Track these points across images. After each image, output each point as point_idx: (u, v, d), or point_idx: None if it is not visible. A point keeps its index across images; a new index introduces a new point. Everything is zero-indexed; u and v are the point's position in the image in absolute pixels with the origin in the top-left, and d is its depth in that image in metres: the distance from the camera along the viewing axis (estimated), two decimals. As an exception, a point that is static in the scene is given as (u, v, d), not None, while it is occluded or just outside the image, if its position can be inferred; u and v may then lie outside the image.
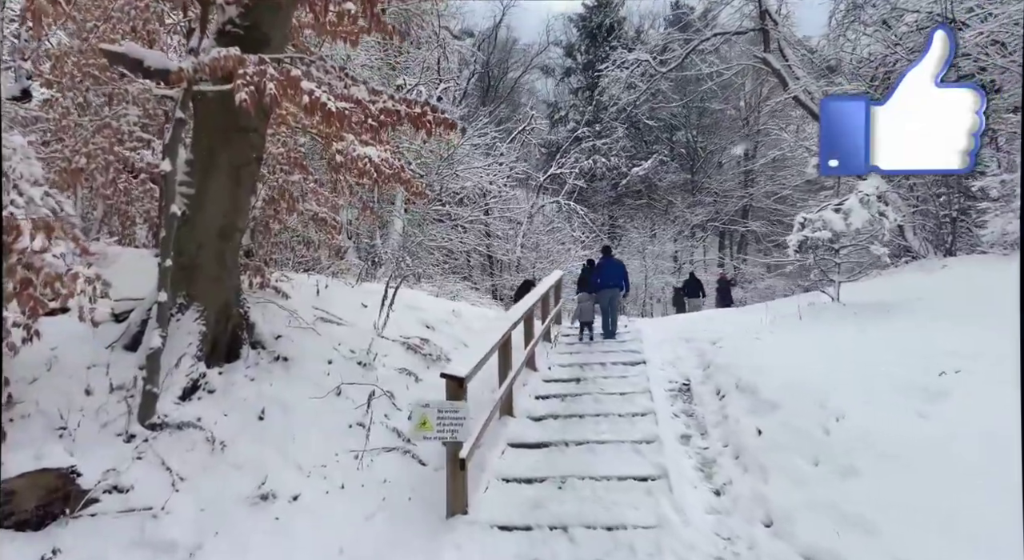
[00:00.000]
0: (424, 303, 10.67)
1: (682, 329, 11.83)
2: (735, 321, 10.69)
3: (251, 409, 6.55)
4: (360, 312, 9.00)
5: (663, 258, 37.55)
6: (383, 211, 14.54)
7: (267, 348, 7.43)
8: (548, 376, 9.62)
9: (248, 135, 7.18)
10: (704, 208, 37.68)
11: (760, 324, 9.53)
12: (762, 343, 8.47)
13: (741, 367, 7.76)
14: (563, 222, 29.73)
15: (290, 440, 6.24)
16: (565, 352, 11.24)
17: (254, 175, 7.33)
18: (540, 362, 10.19)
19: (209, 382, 6.78)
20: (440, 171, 18.02)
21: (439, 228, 18.53)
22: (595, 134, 33.48)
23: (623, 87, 19.09)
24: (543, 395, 8.70)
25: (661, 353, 10.72)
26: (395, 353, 8.19)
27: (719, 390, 7.83)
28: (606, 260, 13.26)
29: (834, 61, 15.02)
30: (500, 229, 27.60)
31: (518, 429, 7.37)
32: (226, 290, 7.16)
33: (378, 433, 6.57)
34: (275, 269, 8.89)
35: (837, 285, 9.63)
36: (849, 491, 4.83)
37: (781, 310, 10.04)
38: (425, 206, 16.79)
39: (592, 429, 7.34)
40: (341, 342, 7.91)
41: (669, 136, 41.60)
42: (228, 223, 7.06)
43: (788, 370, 7.09)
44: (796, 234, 9.56)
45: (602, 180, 38.03)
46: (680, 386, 8.84)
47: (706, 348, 9.54)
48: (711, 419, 7.30)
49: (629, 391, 8.63)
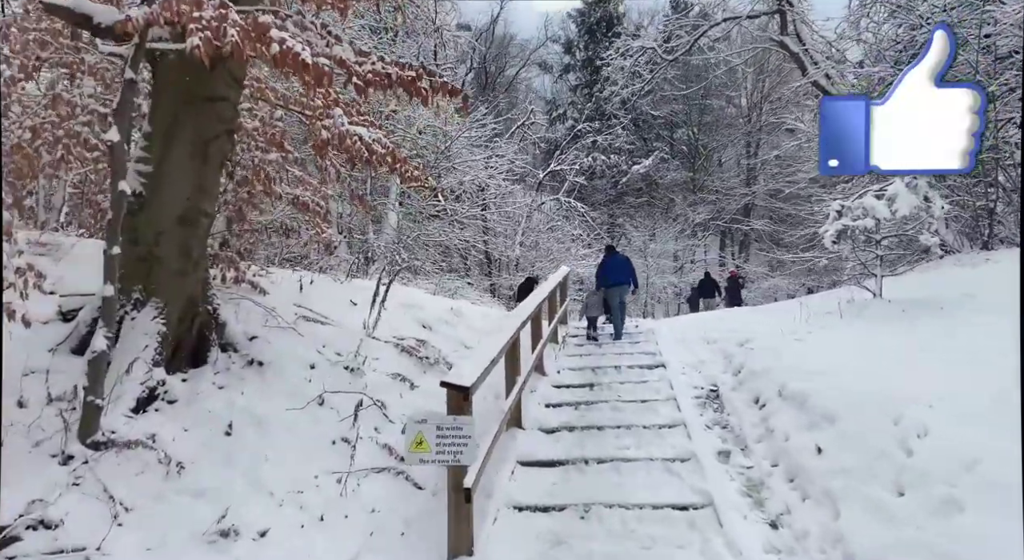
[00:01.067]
0: (421, 301, 9.66)
1: (700, 329, 10.83)
2: (762, 320, 9.69)
3: (217, 423, 5.53)
4: (349, 310, 7.99)
5: (664, 257, 36.55)
6: (377, 203, 13.54)
7: (240, 351, 6.42)
8: (558, 381, 8.61)
9: (216, 105, 6.17)
10: (706, 206, 36.74)
11: (795, 323, 8.54)
12: (804, 345, 7.48)
13: (783, 372, 6.76)
14: (563, 220, 28.77)
15: (262, 460, 5.22)
16: (574, 354, 10.24)
17: (224, 151, 6.31)
18: (549, 365, 9.18)
19: (169, 391, 5.76)
20: (437, 164, 17.00)
21: (436, 224, 17.51)
22: (595, 131, 32.48)
23: (627, 76, 18.12)
24: (554, 403, 7.69)
25: (680, 355, 9.73)
26: (387, 356, 7.18)
27: (758, 398, 6.82)
28: (610, 257, 12.34)
29: (855, 42, 14.09)
30: (499, 226, 26.64)
31: (529, 444, 6.36)
32: (191, 284, 6.14)
33: (366, 450, 5.55)
34: (253, 262, 7.87)
35: (879, 280, 8.64)
36: (953, 530, 3.83)
37: (815, 307, 9.03)
38: (423, 199, 15.78)
39: (614, 443, 6.34)
40: (326, 344, 6.89)
41: (670, 133, 40.66)
42: (192, 207, 6.05)
43: (842, 376, 6.09)
44: (833, 223, 8.57)
45: (602, 178, 37.03)
46: (708, 393, 7.84)
47: (734, 350, 8.54)
48: (752, 432, 6.29)
49: (651, 398, 7.63)
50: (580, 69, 40.63)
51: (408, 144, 15.42)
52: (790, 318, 8.87)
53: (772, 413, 6.28)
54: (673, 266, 37.02)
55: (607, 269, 12.20)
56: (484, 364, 4.73)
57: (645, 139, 40.45)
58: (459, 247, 19.33)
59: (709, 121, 39.89)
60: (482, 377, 4.64)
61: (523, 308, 7.52)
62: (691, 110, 39.31)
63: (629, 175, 36.89)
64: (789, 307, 10.14)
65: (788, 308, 10.02)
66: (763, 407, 6.61)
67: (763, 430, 6.20)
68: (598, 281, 12.34)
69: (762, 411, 6.55)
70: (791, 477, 5.25)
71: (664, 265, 36.35)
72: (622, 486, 5.39)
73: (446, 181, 18.30)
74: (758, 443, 6.07)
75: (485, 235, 26.10)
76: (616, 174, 36.92)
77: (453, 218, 18.29)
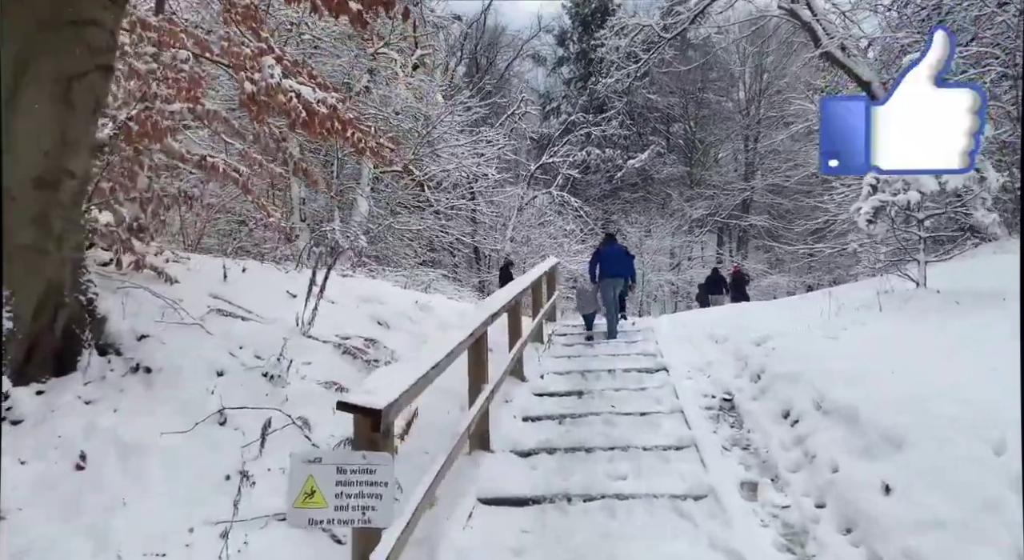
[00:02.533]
0: (383, 294, 8.17)
1: (705, 325, 9.36)
2: (779, 315, 8.22)
3: (68, 451, 4.05)
4: (285, 304, 6.51)
5: (660, 254, 35.11)
6: (344, 188, 12.06)
7: (124, 353, 4.94)
8: (540, 388, 7.13)
9: (85, 31, 4.68)
10: (704, 201, 35.32)
11: (822, 318, 7.07)
12: (839, 344, 6.02)
13: (819, 377, 5.30)
14: (555, 215, 27.35)
15: (118, 506, 3.74)
16: (562, 355, 8.76)
17: (97, 93, 4.82)
18: (530, 369, 7.71)
19: (14, 408, 4.29)
20: (418, 151, 15.52)
21: (418, 215, 16.01)
22: (589, 123, 31.07)
23: (622, 56, 16.67)
24: (534, 415, 6.22)
25: (684, 356, 8.27)
26: (323, 359, 5.69)
27: (787, 411, 5.36)
28: (608, 247, 10.92)
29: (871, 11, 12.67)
30: (488, 220, 25.25)
31: (496, 472, 4.88)
32: (52, 266, 4.65)
33: (268, 488, 4.07)
34: (162, 243, 6.40)
35: (922, 266, 7.18)
36: None
37: (846, 299, 7.55)
38: (403, 188, 14.30)
39: (606, 471, 4.87)
40: (244, 344, 5.41)
41: (666, 127, 39.23)
42: (53, 165, 4.57)
43: (901, 383, 4.64)
44: (868, 200, 7.11)
45: (596, 173, 35.60)
46: (721, 403, 6.39)
47: (749, 350, 7.08)
48: (783, 457, 4.83)
49: (652, 410, 6.17)
50: (574, 62, 39.16)
51: (383, 126, 13.94)
52: (813, 312, 7.41)
53: (810, 432, 4.82)
54: (670, 263, 35.60)
55: (603, 259, 10.80)
56: (414, 374, 3.24)
57: (641, 133, 39.00)
58: (445, 241, 17.84)
59: (706, 115, 38.45)
60: (409, 393, 3.16)
61: (494, 300, 6.04)
62: (688, 103, 37.88)
63: (624, 169, 35.43)
64: (809, 300, 8.67)
65: (808, 301, 8.54)
66: (796, 423, 5.15)
67: (799, 454, 4.74)
68: (592, 272, 10.96)
69: (795, 428, 5.09)
70: (848, 525, 3.78)
71: (660, 262, 34.90)
72: (618, 538, 3.92)
73: (429, 169, 16.82)
74: (794, 473, 4.61)
75: (473, 225, 24.69)
76: (611, 169, 35.48)
77: (436, 209, 16.80)
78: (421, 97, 16.16)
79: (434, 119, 15.77)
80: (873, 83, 12.48)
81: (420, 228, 16.04)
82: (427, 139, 15.59)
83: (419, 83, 15.45)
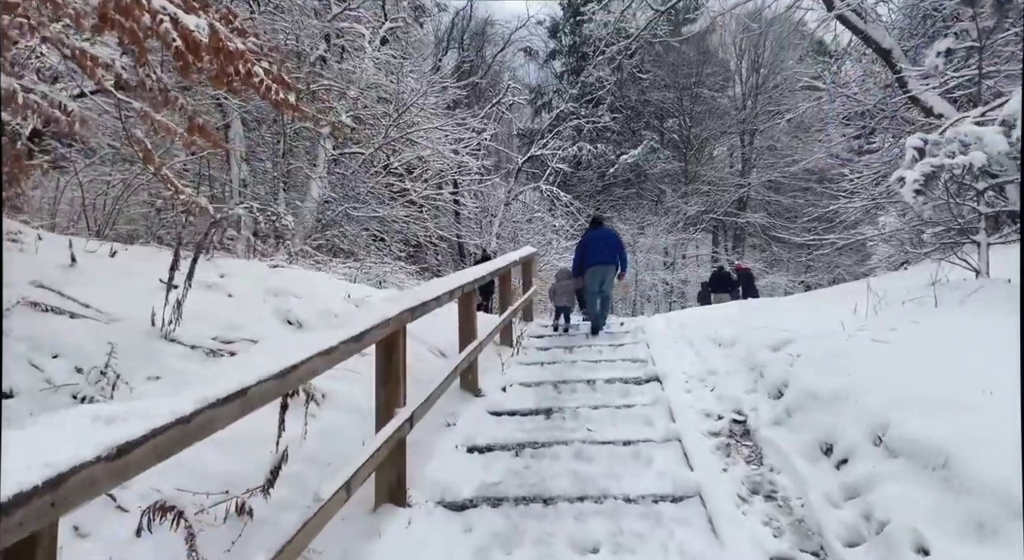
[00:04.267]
0: (307, 288, 6.54)
1: (706, 324, 7.75)
2: (801, 312, 6.60)
3: None
4: (153, 296, 4.87)
5: (654, 252, 33.55)
6: (291, 167, 10.43)
7: None
8: (498, 404, 5.51)
9: None
10: (699, 197, 33.78)
11: (857, 315, 5.46)
12: (891, 349, 4.41)
13: (874, 395, 3.70)
14: (544, 210, 25.82)
15: None
16: (534, 362, 7.13)
17: None
18: (490, 380, 6.10)
19: None
20: (388, 133, 13.89)
21: (389, 205, 14.36)
22: (579, 115, 29.51)
23: (611, 32, 15.10)
24: (482, 445, 4.60)
25: (682, 362, 6.68)
26: (182, 372, 4.07)
27: (828, 444, 3.76)
28: (595, 232, 9.37)
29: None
30: (473, 215, 23.71)
31: (406, 548, 3.26)
32: None
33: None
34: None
35: (984, 249, 5.58)
36: None
37: (888, 291, 5.91)
38: (367, 175, 12.68)
39: (571, 539, 3.28)
40: (62, 352, 3.78)
41: (660, 123, 37.67)
42: None
43: (1008, 411, 3.04)
44: (915, 166, 5.48)
45: (588, 168, 34.03)
46: (730, 426, 4.79)
47: (765, 357, 5.48)
48: (831, 518, 3.22)
49: (639, 437, 4.57)
50: (567, 54, 37.58)
51: (345, 105, 12.32)
52: (843, 308, 5.79)
53: (870, 480, 3.22)
54: (664, 262, 34.03)
55: (589, 246, 9.30)
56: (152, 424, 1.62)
57: (634, 129, 37.46)
58: (421, 235, 16.21)
59: (701, 110, 36.85)
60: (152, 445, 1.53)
61: (428, 289, 4.42)
62: (682, 98, 36.32)
63: (617, 165, 33.90)
64: (835, 294, 7.03)
65: (833, 296, 6.90)
66: (843, 463, 3.55)
67: (856, 516, 3.14)
68: (577, 261, 9.53)
69: (844, 472, 3.49)
70: None
71: (654, 261, 33.33)
72: None
73: (403, 155, 15.20)
74: (851, 547, 3.00)
75: (458, 222, 23.21)
76: (603, 164, 33.93)
77: (410, 199, 15.16)
78: (393, 76, 14.57)
79: (406, 100, 14.13)
80: (894, 51, 10.91)
81: (391, 219, 14.38)
82: (397, 122, 13.94)
83: (388, 58, 13.83)
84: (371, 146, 13.72)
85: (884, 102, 11.97)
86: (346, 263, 8.97)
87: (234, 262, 6.90)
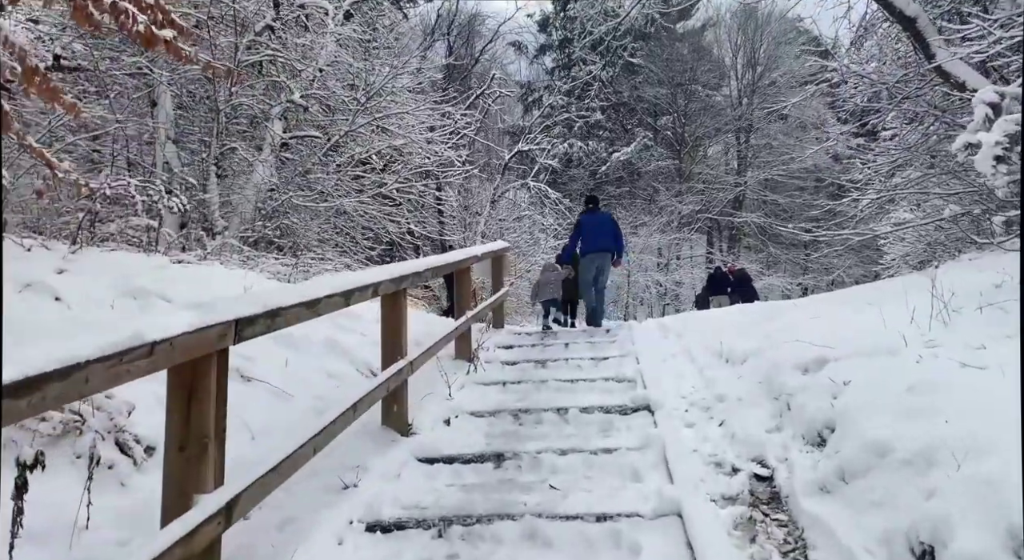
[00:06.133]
0: (204, 288, 5.02)
1: (710, 333, 6.23)
2: (836, 316, 5.05)
3: None
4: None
5: (647, 253, 32.09)
6: (225, 147, 8.87)
7: None
8: (433, 446, 3.99)
9: None
10: (694, 196, 32.38)
11: (919, 325, 3.96)
12: (994, 377, 2.90)
13: (988, 459, 2.23)
14: (532, 208, 24.39)
15: None
16: (494, 381, 5.60)
17: None
18: (428, 410, 4.58)
19: None
20: (355, 118, 12.34)
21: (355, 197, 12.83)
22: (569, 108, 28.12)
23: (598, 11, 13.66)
24: (390, 521, 3.08)
25: (678, 382, 5.21)
26: None
27: (923, 544, 2.27)
28: (591, 216, 8.31)
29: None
30: (456, 212, 22.29)
31: None
32: None
33: None
34: None
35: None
36: None
37: (956, 288, 4.35)
38: (320, 161, 11.16)
39: None
40: None
41: (653, 120, 36.24)
42: None
43: None
44: (997, 127, 3.99)
45: (579, 166, 32.59)
46: (750, 485, 3.31)
47: (793, 381, 3.98)
48: None
49: (622, 510, 3.07)
50: (558, 49, 36.13)
51: (299, 84, 10.80)
52: (894, 312, 4.28)
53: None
54: (657, 263, 32.58)
55: (585, 230, 8.45)
56: None
57: (626, 127, 36.02)
58: (394, 231, 14.69)
59: (696, 108, 35.40)
60: None
61: (300, 289, 2.89)
62: (676, 94, 34.89)
63: (609, 163, 32.46)
64: (871, 294, 5.46)
65: (871, 295, 5.34)
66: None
67: None
68: (571, 249, 8.82)
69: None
70: None
71: (647, 261, 31.86)
72: None
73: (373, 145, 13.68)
74: None
75: (441, 221, 21.79)
76: (595, 162, 32.49)
77: (380, 192, 13.63)
78: (360, 53, 13.08)
79: (375, 82, 12.60)
80: (919, 19, 9.43)
81: (361, 213, 12.89)
82: (365, 106, 12.43)
83: (354, 35, 12.30)
84: (335, 132, 12.20)
85: (905, 80, 10.51)
86: (281, 259, 7.47)
87: (112, 256, 5.38)
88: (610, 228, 8.50)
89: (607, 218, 8.74)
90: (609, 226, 8.53)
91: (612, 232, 8.47)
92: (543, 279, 8.56)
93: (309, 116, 11.11)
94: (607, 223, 8.54)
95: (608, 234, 8.37)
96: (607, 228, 8.45)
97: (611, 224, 8.64)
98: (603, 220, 8.55)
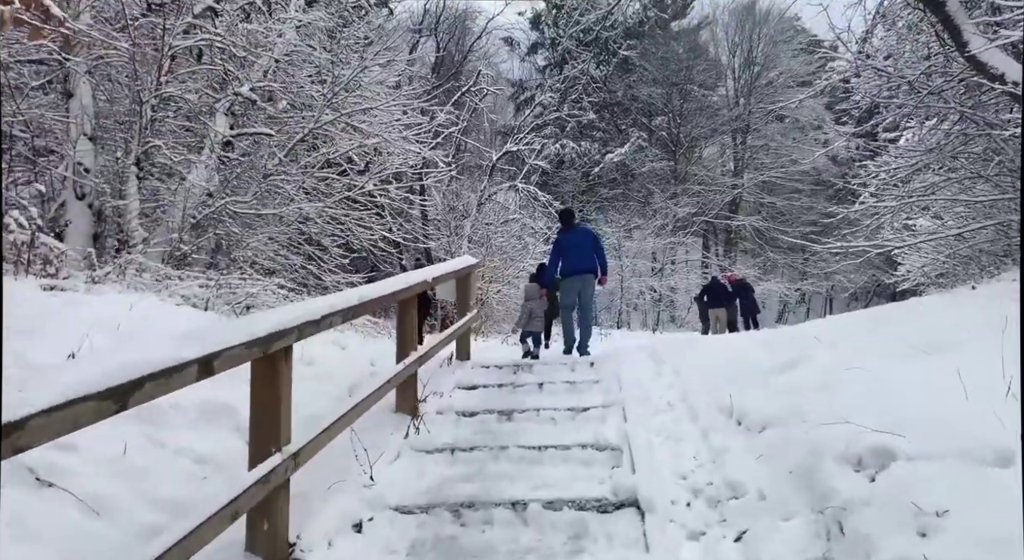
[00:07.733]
0: (64, 323, 3.74)
1: (717, 375, 4.97)
2: (887, 372, 3.74)
3: None
4: None
5: (642, 257, 30.89)
6: (150, 147, 7.53)
7: None
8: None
9: None
10: (689, 198, 31.14)
11: (1016, 391, 2.75)
12: None
13: None
14: (521, 211, 23.15)
15: None
16: (440, 447, 4.29)
17: None
18: (326, 515, 3.28)
19: None
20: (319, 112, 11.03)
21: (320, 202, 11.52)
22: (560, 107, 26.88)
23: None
24: None
25: (676, 454, 3.96)
26: None
27: None
28: (570, 234, 7.51)
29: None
30: (441, 217, 21.07)
31: None
32: None
33: None
34: None
35: None
36: None
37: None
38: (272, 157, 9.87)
39: None
40: None
41: (648, 120, 35.02)
42: None
43: None
44: None
45: (571, 168, 31.31)
46: None
47: (841, 485, 2.70)
48: None
49: None
50: (550, 47, 34.87)
51: (249, 74, 9.50)
52: (974, 363, 3.01)
53: None
54: (652, 267, 31.36)
55: (565, 249, 7.79)
56: None
57: (620, 127, 34.78)
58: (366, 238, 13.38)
59: (692, 108, 34.16)
60: None
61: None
62: (672, 94, 33.65)
63: (602, 164, 31.20)
64: (918, 324, 4.09)
65: (919, 327, 3.98)
66: None
67: None
68: (551, 272, 8.20)
69: None
70: None
71: (642, 266, 30.65)
72: None
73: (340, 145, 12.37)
74: None
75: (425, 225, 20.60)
76: (587, 163, 31.20)
77: (348, 195, 12.33)
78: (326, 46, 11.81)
79: (343, 77, 11.30)
80: (949, 2, 8.18)
81: (329, 219, 11.61)
82: (331, 103, 11.13)
83: (313, 20, 11.00)
84: (298, 130, 10.91)
85: (928, 73, 9.23)
86: (200, 279, 6.18)
87: None
88: (590, 245, 7.83)
89: (586, 234, 8.02)
90: (589, 243, 7.88)
91: (592, 248, 7.78)
92: (532, 308, 8.03)
93: (265, 112, 9.82)
94: (586, 240, 7.81)
95: (587, 253, 7.71)
96: (587, 246, 7.81)
97: (590, 240, 8.02)
98: (582, 237, 7.82)
